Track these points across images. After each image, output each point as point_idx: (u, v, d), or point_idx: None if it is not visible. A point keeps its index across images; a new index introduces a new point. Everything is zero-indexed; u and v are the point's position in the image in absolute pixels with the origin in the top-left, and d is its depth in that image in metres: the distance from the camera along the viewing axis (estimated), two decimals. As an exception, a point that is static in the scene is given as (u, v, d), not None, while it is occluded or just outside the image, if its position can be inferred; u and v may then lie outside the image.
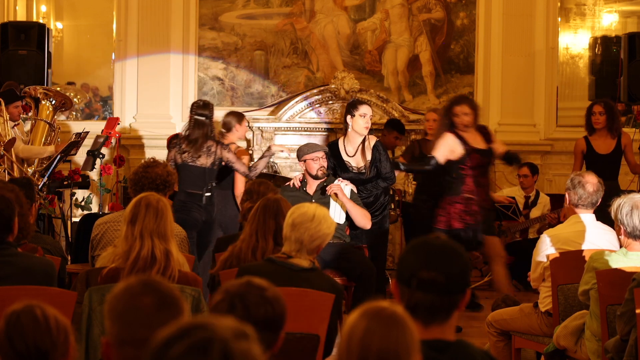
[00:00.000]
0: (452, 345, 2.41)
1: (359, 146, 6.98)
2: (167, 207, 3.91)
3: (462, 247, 2.49)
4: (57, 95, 8.02)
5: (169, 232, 3.88)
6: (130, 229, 3.85)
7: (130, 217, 3.86)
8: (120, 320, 2.18)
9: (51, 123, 7.87)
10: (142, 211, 3.85)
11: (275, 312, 2.43)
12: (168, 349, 1.66)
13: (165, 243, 3.84)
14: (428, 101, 10.22)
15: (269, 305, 2.43)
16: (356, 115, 6.92)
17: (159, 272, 3.78)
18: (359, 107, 6.98)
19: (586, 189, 4.95)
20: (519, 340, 5.22)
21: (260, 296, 2.43)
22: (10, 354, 2.29)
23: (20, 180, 5.51)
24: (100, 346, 3.42)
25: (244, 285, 2.46)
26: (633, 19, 11.46)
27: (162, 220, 3.85)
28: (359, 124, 6.92)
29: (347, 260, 6.17)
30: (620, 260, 4.38)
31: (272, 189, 5.53)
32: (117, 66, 10.16)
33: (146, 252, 3.80)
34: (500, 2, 10.15)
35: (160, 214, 3.85)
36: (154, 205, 3.86)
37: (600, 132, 7.94)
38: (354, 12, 10.24)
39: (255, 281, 2.47)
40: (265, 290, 2.45)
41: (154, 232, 3.82)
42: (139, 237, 3.82)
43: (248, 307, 2.41)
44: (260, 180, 5.82)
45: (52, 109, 7.92)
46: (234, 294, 2.43)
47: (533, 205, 9.10)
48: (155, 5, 9.96)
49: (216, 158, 6.86)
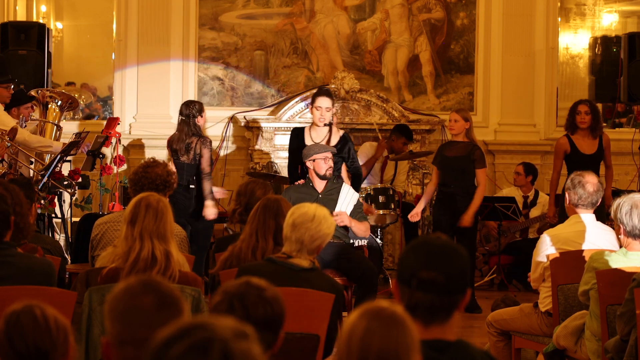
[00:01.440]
0: (452, 345, 2.41)
1: (325, 137, 7.01)
2: (168, 207, 3.90)
3: (462, 247, 2.49)
4: (63, 95, 8.03)
5: (169, 233, 3.87)
6: (130, 230, 3.84)
7: (130, 218, 3.86)
8: (120, 320, 2.18)
9: (59, 125, 7.89)
10: (142, 212, 3.84)
11: (274, 312, 2.43)
12: (168, 349, 1.66)
13: (165, 244, 3.83)
14: (428, 101, 10.22)
15: (268, 305, 2.43)
16: (313, 107, 7.02)
17: (159, 273, 3.78)
18: (316, 99, 7.05)
19: (586, 189, 4.95)
20: (519, 340, 5.21)
21: (259, 296, 2.43)
22: (10, 354, 2.29)
23: (20, 180, 5.51)
24: (100, 346, 3.42)
25: (243, 285, 2.46)
26: (633, 19, 11.46)
27: (162, 221, 3.85)
28: (314, 115, 7.06)
29: (348, 261, 6.17)
30: (620, 260, 4.38)
31: (261, 187, 5.50)
32: (117, 66, 10.16)
33: (146, 253, 3.80)
34: (500, 2, 10.15)
35: (160, 214, 3.85)
36: (154, 206, 3.85)
37: (582, 132, 7.78)
38: (354, 12, 10.23)
39: (254, 281, 2.48)
40: (264, 290, 2.45)
41: (154, 233, 3.82)
42: (138, 238, 3.82)
43: (247, 307, 2.41)
44: (250, 179, 5.85)
45: (58, 111, 7.93)
46: (233, 295, 2.43)
47: (532, 205, 9.10)
48: (155, 5, 9.96)
49: (195, 153, 7.43)
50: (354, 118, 9.80)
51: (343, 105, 9.79)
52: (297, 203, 6.23)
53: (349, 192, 6.48)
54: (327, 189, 6.50)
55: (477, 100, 10.22)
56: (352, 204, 6.45)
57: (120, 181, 8.27)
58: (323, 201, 6.34)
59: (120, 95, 10.12)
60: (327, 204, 6.36)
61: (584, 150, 7.77)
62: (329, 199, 6.42)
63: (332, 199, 6.42)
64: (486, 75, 10.23)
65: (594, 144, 7.82)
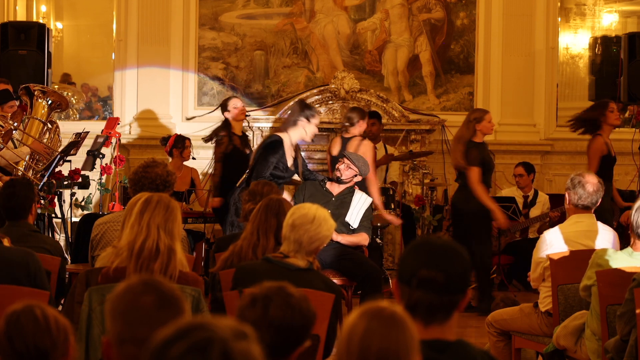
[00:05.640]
0: (451, 345, 2.41)
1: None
2: (178, 208, 3.89)
3: (463, 247, 2.49)
4: (54, 94, 7.99)
5: (176, 231, 3.85)
6: (137, 219, 3.81)
7: (140, 209, 3.83)
8: (120, 319, 2.19)
9: (45, 122, 7.81)
10: (152, 204, 3.83)
11: (293, 320, 2.42)
12: (168, 349, 1.66)
13: (170, 239, 3.82)
14: (428, 101, 10.22)
15: (289, 311, 2.42)
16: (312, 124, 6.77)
17: (161, 266, 3.77)
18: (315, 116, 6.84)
19: (586, 189, 4.94)
20: (519, 340, 5.21)
21: (283, 301, 2.43)
22: (10, 354, 2.29)
23: (21, 180, 5.51)
24: (101, 346, 3.42)
25: (274, 287, 2.46)
26: (633, 19, 11.45)
27: (171, 217, 3.83)
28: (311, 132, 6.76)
29: (349, 261, 6.19)
30: (625, 259, 4.38)
31: (276, 191, 5.52)
32: (117, 66, 10.16)
33: (151, 243, 3.78)
34: (500, 2, 10.16)
35: (170, 211, 3.83)
36: (165, 203, 3.85)
37: (608, 133, 7.62)
38: (354, 12, 10.24)
39: (287, 287, 2.48)
40: (292, 297, 2.45)
41: (161, 226, 3.80)
42: (145, 226, 3.79)
43: (267, 307, 2.41)
44: (264, 181, 5.83)
45: (47, 108, 7.88)
46: (259, 293, 2.44)
47: (532, 205, 9.10)
48: (155, 5, 9.96)
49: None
50: (354, 118, 9.80)
51: (343, 105, 9.79)
52: (310, 197, 6.31)
53: (362, 197, 6.52)
54: (342, 193, 6.54)
55: (477, 100, 10.22)
56: (364, 208, 6.48)
57: (120, 181, 8.27)
58: (336, 203, 6.39)
59: (120, 95, 10.12)
60: (340, 205, 6.39)
61: (613, 152, 7.68)
62: (342, 200, 6.46)
63: (345, 202, 6.46)
64: (486, 75, 10.23)
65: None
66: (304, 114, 6.66)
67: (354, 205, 6.48)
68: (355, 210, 6.46)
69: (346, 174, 6.54)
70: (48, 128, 7.83)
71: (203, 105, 10.07)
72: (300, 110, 6.70)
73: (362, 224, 6.45)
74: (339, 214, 6.34)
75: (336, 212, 6.18)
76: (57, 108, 7.99)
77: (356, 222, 6.44)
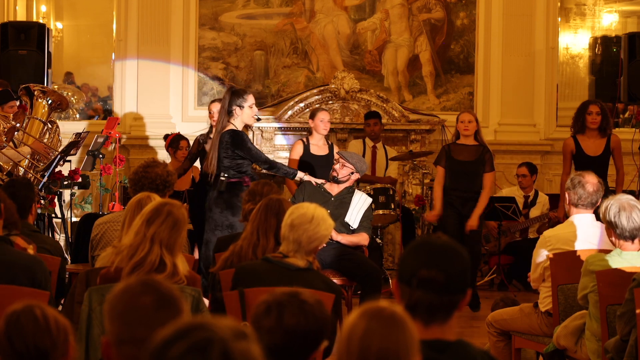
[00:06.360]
0: (452, 345, 2.40)
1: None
2: (186, 220, 3.85)
3: (463, 247, 2.49)
4: (54, 94, 7.98)
5: (178, 246, 3.81)
6: (143, 228, 3.77)
7: (149, 217, 3.78)
8: (119, 320, 2.18)
9: (45, 122, 7.82)
10: (162, 217, 3.76)
11: (308, 325, 2.42)
12: (168, 349, 1.66)
13: (171, 256, 3.78)
14: (428, 101, 10.22)
15: (303, 316, 2.42)
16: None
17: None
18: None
19: (586, 189, 4.94)
20: (519, 340, 5.21)
21: (298, 307, 2.43)
22: (10, 354, 2.29)
23: (21, 180, 5.50)
24: (100, 346, 3.42)
25: (289, 293, 2.46)
26: (633, 19, 11.46)
27: (176, 234, 3.78)
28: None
29: (349, 261, 6.19)
30: (615, 260, 4.37)
31: (276, 191, 5.52)
32: (117, 66, 10.16)
33: (154, 258, 3.75)
34: (500, 2, 10.16)
35: (177, 227, 3.78)
36: (175, 216, 3.78)
37: (590, 133, 7.72)
38: (354, 12, 10.24)
39: (303, 293, 2.47)
40: (307, 303, 2.44)
41: (164, 242, 3.76)
42: (149, 240, 3.76)
43: (282, 313, 2.41)
44: (264, 181, 5.82)
45: (47, 108, 7.88)
46: (274, 299, 2.44)
47: (532, 205, 9.10)
48: (155, 5, 9.97)
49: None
50: (353, 118, 9.80)
51: (343, 105, 9.79)
52: (309, 198, 6.31)
53: (362, 197, 6.52)
54: (341, 193, 6.54)
55: (477, 100, 10.22)
56: (363, 208, 6.48)
57: (120, 181, 8.27)
58: (335, 203, 6.40)
59: (120, 95, 10.12)
60: (339, 205, 6.40)
61: (589, 151, 7.72)
62: (341, 201, 6.47)
63: (345, 202, 6.47)
64: (486, 75, 10.23)
65: (600, 145, 7.76)
66: (235, 103, 6.67)
67: (354, 206, 6.48)
68: (355, 210, 6.46)
69: (342, 173, 6.54)
70: (48, 128, 7.83)
71: (203, 105, 10.06)
72: (230, 100, 6.69)
73: (362, 224, 6.45)
74: (339, 214, 6.35)
75: (335, 212, 6.18)
76: (57, 108, 7.98)
77: (356, 222, 6.44)
